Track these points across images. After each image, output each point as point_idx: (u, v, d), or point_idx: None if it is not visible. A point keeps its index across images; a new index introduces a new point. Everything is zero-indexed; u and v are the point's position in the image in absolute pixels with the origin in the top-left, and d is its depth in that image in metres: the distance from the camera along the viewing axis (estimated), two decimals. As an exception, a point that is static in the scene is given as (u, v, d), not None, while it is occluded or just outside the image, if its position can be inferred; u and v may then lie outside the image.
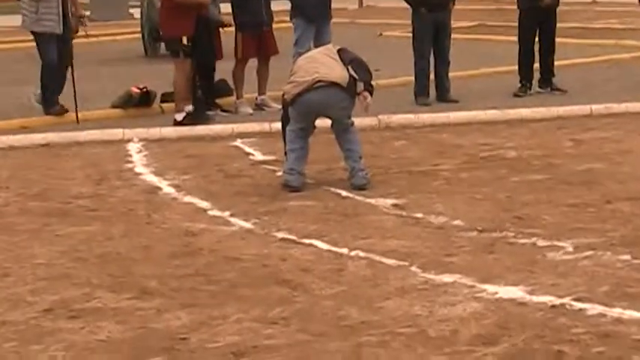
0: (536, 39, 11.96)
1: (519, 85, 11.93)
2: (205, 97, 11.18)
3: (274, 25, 11.54)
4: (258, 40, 11.26)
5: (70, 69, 11.01)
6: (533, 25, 11.89)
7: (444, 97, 11.56)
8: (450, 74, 11.79)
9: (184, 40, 10.56)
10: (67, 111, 10.97)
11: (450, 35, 11.69)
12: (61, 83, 11.16)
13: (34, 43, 11.19)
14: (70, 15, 10.97)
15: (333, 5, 11.95)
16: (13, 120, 10.98)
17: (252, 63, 11.47)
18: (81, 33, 11.48)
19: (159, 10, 12.02)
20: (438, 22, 11.52)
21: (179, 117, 10.56)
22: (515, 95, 11.77)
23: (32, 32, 11.02)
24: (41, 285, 5.73)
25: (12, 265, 6.13)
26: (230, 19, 11.66)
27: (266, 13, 11.26)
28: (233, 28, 11.47)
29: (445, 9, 11.55)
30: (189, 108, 10.57)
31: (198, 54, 10.81)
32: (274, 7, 11.51)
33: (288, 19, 12.22)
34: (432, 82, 11.64)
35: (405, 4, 11.79)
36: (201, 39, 10.88)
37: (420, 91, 11.55)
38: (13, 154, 9.43)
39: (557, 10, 12.05)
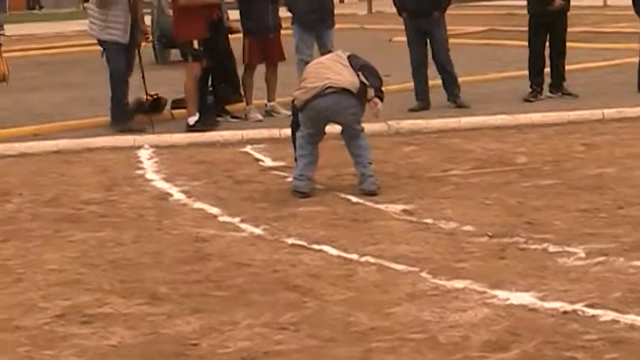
0: (547, 43, 11.96)
1: (530, 89, 11.92)
2: (216, 104, 11.20)
3: (282, 32, 11.55)
4: (264, 46, 11.27)
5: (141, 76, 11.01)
6: (543, 30, 11.88)
7: (453, 101, 11.56)
8: (460, 79, 11.78)
9: (195, 44, 10.59)
10: (142, 130, 10.57)
11: (442, 44, 11.58)
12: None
13: (44, 51, 11.19)
14: (136, 25, 10.92)
15: (343, 11, 12.02)
16: (24, 127, 11.02)
17: (262, 69, 11.48)
18: None
19: (168, 16, 12.05)
20: (424, 30, 11.52)
21: (192, 120, 10.58)
22: (526, 100, 11.76)
23: (99, 40, 10.92)
24: (53, 290, 5.75)
25: (25, 270, 6.16)
26: (237, 25, 11.69)
27: (272, 19, 11.26)
28: (241, 35, 11.49)
29: (428, 17, 11.46)
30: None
31: (215, 58, 10.84)
32: (282, 13, 11.52)
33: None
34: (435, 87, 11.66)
35: None
36: (216, 43, 10.91)
37: (416, 96, 11.58)
38: (25, 161, 9.46)
39: (568, 14, 12.04)
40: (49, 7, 35.42)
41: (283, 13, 11.54)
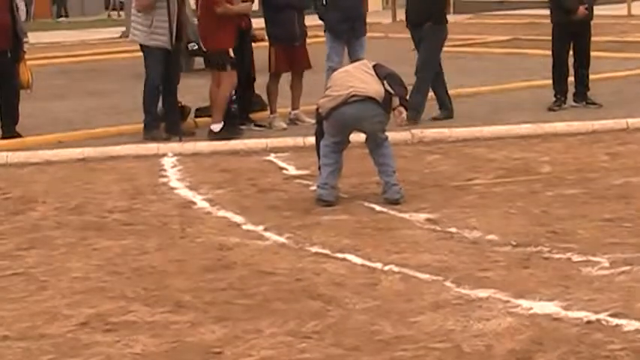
0: (571, 52, 11.93)
1: (554, 99, 11.89)
2: (240, 112, 11.22)
3: (307, 40, 11.57)
4: (290, 55, 11.29)
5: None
6: (566, 39, 11.86)
7: (412, 117, 10.28)
8: (484, 88, 11.74)
9: (231, 53, 10.62)
10: (166, 139, 10.50)
11: (423, 57, 11.36)
12: (169, 103, 10.87)
13: (69, 59, 11.21)
14: (181, 33, 10.92)
15: (367, 20, 11.96)
16: (49, 135, 11.07)
17: (287, 78, 11.50)
18: None
19: (193, 25, 12.07)
20: (420, 40, 11.48)
21: (217, 128, 10.60)
22: (550, 109, 11.73)
23: (142, 46, 10.87)
24: (78, 298, 5.77)
25: (49, 278, 6.18)
26: (262, 33, 11.72)
27: (299, 27, 11.29)
28: (266, 43, 11.51)
29: (420, 27, 11.36)
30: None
31: (241, 67, 10.87)
32: (308, 22, 11.54)
33: (321, 33, 12.25)
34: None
35: None
36: (243, 51, 10.94)
37: (438, 106, 11.56)
38: (50, 169, 9.50)
39: (592, 23, 12.01)
40: (75, 15, 35.59)
41: (309, 21, 11.56)
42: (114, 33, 25.62)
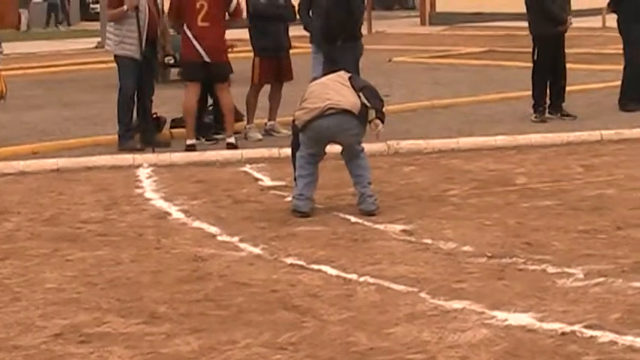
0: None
1: (535, 111, 11.88)
2: (214, 122, 11.22)
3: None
4: (275, 66, 11.30)
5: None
6: (548, 51, 11.89)
7: None
8: (460, 99, 11.75)
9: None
10: (140, 150, 10.52)
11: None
12: (143, 114, 10.87)
13: (44, 70, 11.20)
14: (157, 45, 10.93)
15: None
16: (24, 145, 11.02)
17: (265, 88, 11.50)
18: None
19: (171, 35, 12.00)
20: (332, 58, 10.91)
21: (233, 139, 10.57)
22: (540, 121, 11.67)
23: (115, 56, 10.90)
24: (52, 309, 5.73)
25: (23, 289, 6.14)
26: (235, 42, 11.74)
27: (285, 38, 11.32)
28: (244, 54, 11.50)
29: (333, 43, 10.90)
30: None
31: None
32: (291, 32, 11.55)
33: (300, 44, 12.26)
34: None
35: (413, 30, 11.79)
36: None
37: None
38: (24, 180, 9.45)
39: (565, 35, 12.08)
40: (53, 25, 35.42)
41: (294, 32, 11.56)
42: (89, 43, 25.56)
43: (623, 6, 12.23)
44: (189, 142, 10.63)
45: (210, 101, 11.33)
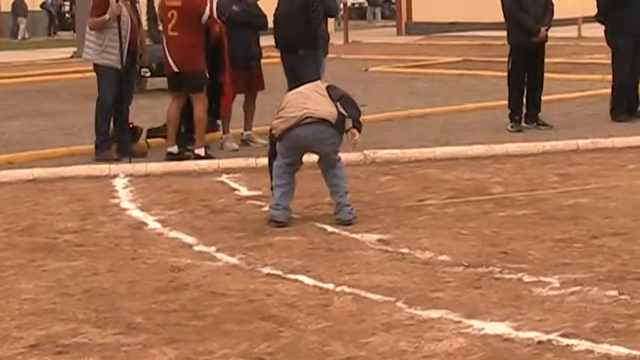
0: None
1: (512, 121, 11.92)
2: (187, 132, 11.18)
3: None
4: (248, 75, 11.29)
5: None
6: (524, 61, 11.95)
7: None
8: (435, 109, 11.78)
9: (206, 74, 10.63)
10: (117, 160, 10.46)
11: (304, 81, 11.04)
12: (119, 124, 10.87)
13: (16, 80, 11.14)
14: (137, 55, 10.90)
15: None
16: (-1, 155, 10.98)
17: (239, 98, 11.50)
18: None
19: (146, 46, 11.96)
20: (292, 66, 11.18)
21: (201, 152, 10.52)
22: (517, 131, 11.71)
23: (94, 65, 10.86)
24: (28, 320, 5.71)
25: (-3, 300, 6.12)
26: None
27: (256, 48, 11.32)
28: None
29: (294, 53, 11.08)
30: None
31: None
32: (262, 42, 11.55)
33: (273, 54, 12.26)
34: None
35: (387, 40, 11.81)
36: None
37: None
38: (0, 190, 9.40)
39: (546, 45, 12.14)
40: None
41: (262, 42, 11.56)
42: (65, 53, 25.49)
43: (610, 17, 12.30)
44: (169, 149, 10.62)
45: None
